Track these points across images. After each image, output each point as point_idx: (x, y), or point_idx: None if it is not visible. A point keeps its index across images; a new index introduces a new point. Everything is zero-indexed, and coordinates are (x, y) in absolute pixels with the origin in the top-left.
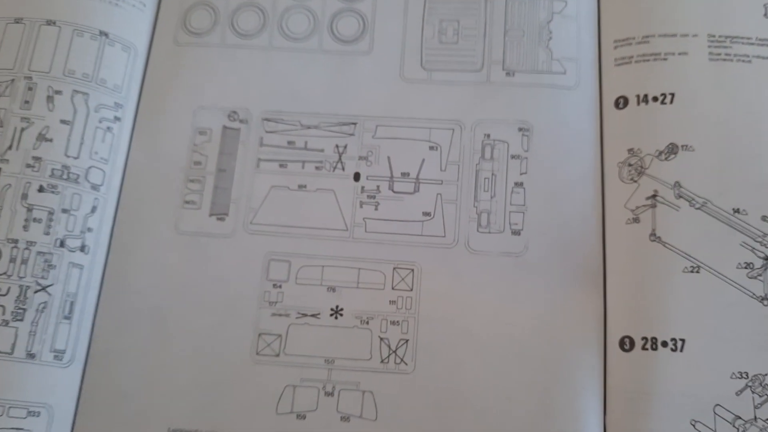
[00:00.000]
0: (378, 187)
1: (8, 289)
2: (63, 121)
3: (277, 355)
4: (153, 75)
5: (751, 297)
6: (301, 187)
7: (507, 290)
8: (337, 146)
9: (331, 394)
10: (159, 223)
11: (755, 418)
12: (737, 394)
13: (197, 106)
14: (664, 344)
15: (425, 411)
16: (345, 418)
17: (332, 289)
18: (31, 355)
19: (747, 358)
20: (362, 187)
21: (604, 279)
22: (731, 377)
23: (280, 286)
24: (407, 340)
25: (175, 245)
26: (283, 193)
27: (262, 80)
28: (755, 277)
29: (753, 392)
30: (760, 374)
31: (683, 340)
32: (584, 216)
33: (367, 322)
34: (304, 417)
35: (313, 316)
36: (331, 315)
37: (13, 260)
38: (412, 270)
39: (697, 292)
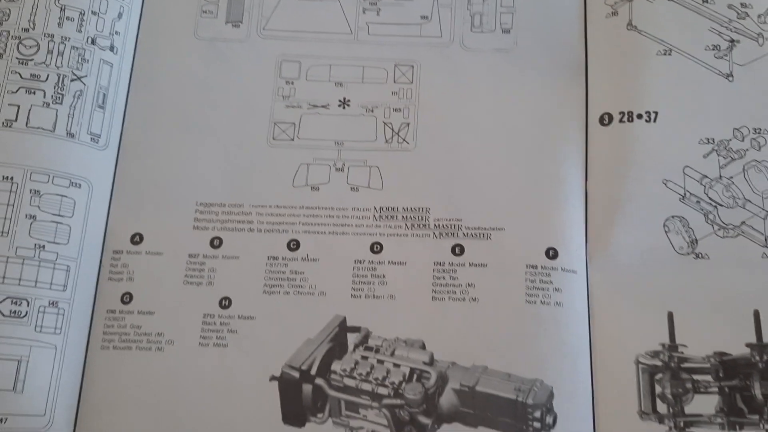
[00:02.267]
0: None
1: (47, 77)
2: None
3: (292, 140)
4: None
5: (718, 74)
6: None
7: (499, 80)
8: None
9: (342, 169)
10: (179, 30)
11: (720, 176)
12: (704, 156)
13: None
14: (639, 116)
15: (425, 180)
16: (354, 189)
17: (339, 84)
18: (71, 135)
19: (713, 126)
20: None
21: (586, 68)
22: (699, 143)
23: (292, 83)
24: (408, 124)
25: (195, 49)
26: (293, 1)
27: None
28: (721, 57)
29: (718, 155)
30: (725, 139)
31: (656, 113)
32: (568, 13)
33: (372, 110)
34: (317, 189)
35: (323, 107)
36: (339, 105)
37: (50, 52)
38: (412, 66)
39: (669, 72)
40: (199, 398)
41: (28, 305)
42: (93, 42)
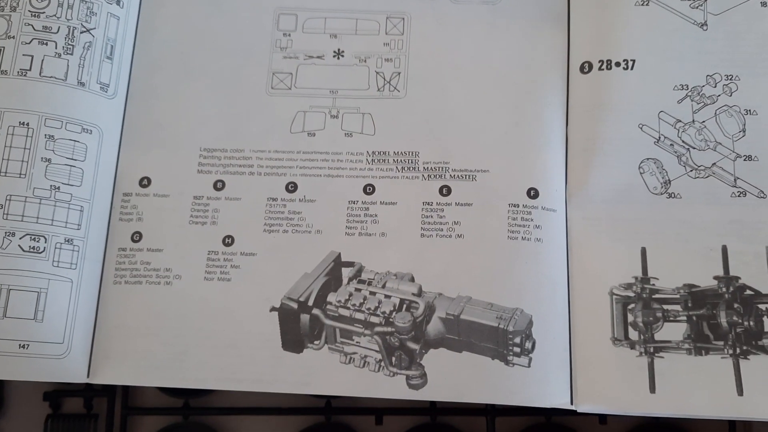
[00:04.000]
0: None
1: (58, 29)
2: None
3: (289, 89)
4: None
5: (693, 23)
6: None
7: (486, 31)
8: None
9: (336, 116)
10: None
11: (693, 121)
12: (678, 102)
13: None
14: (618, 64)
15: (415, 125)
16: (348, 134)
17: (334, 35)
18: (81, 83)
19: (687, 73)
20: None
21: (568, 19)
22: (674, 89)
23: (289, 35)
24: (399, 73)
25: (197, 3)
26: None
27: None
28: (696, 7)
29: (692, 100)
30: (698, 86)
31: (634, 61)
32: None
33: (365, 61)
34: (314, 135)
35: (318, 57)
36: (334, 56)
37: (60, 5)
38: (403, 18)
39: (646, 21)
40: (205, 328)
41: (45, 242)
42: None
